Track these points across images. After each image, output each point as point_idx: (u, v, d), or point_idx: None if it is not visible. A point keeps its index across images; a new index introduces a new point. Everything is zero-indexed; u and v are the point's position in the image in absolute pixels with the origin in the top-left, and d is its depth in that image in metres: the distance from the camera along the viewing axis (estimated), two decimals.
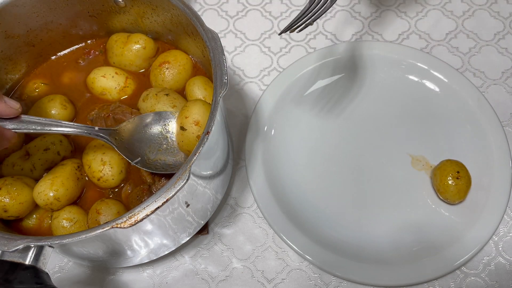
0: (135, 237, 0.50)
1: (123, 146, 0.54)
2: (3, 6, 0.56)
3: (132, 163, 0.54)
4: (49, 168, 0.57)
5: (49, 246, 0.44)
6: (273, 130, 0.71)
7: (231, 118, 0.73)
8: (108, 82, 0.61)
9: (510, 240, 0.64)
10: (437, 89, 0.73)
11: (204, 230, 0.64)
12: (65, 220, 0.54)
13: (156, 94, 0.58)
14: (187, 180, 0.44)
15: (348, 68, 0.75)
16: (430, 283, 0.61)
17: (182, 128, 0.52)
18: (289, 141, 0.71)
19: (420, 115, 0.71)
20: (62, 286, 0.63)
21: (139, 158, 0.54)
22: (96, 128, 0.53)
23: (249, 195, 0.68)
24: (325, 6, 0.51)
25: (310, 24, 0.52)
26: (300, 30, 0.52)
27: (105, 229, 0.42)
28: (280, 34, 0.54)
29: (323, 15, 0.51)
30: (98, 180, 0.56)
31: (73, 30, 0.64)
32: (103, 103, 0.62)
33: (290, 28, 0.52)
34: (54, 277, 0.63)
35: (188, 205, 0.51)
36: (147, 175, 0.56)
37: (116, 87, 0.61)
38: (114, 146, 0.53)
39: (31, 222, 0.56)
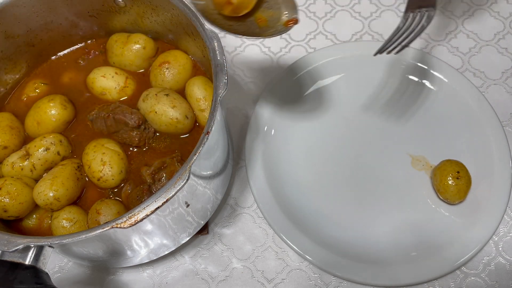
0: (135, 237, 0.50)
1: None
2: (3, 6, 0.56)
3: None
4: (49, 168, 0.57)
5: (49, 246, 0.44)
6: (273, 130, 0.71)
7: (231, 118, 0.73)
8: (108, 82, 0.61)
9: (510, 240, 0.64)
10: (437, 89, 0.73)
11: (204, 230, 0.64)
12: (65, 220, 0.54)
13: (156, 94, 0.58)
14: (187, 180, 0.44)
15: (348, 68, 0.75)
16: (430, 283, 0.61)
17: None
18: (289, 141, 0.71)
19: (420, 115, 0.71)
20: (62, 286, 0.63)
21: None
22: None
23: (249, 195, 0.68)
24: (420, 25, 0.48)
25: (406, 45, 0.49)
26: (397, 52, 0.50)
27: (105, 229, 0.42)
28: (375, 55, 0.51)
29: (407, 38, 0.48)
30: (98, 180, 0.56)
31: (73, 30, 0.64)
32: (103, 103, 0.62)
33: (382, 49, 0.50)
34: (54, 277, 0.63)
35: (188, 205, 0.51)
36: (147, 175, 0.56)
37: (116, 87, 0.61)
38: None
39: (31, 222, 0.56)
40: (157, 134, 0.59)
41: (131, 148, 0.59)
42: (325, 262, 0.61)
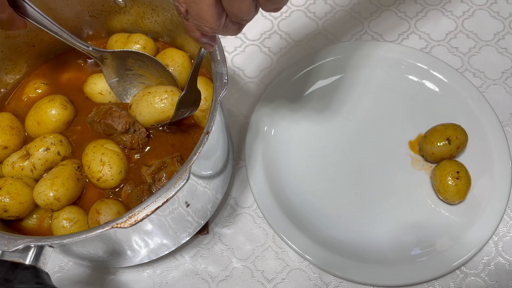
0: (135, 237, 0.50)
1: (110, 64, 0.59)
2: None
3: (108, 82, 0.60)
4: (49, 168, 0.57)
5: (49, 246, 0.44)
6: (273, 130, 0.71)
7: (231, 118, 0.73)
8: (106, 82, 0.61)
9: (510, 240, 0.64)
10: (437, 89, 0.73)
11: (204, 230, 0.64)
12: (65, 220, 0.54)
13: None
14: (187, 180, 0.44)
15: (348, 68, 0.75)
16: (430, 283, 0.61)
17: None
18: (289, 141, 0.71)
19: (420, 115, 0.71)
20: (62, 286, 0.63)
21: (117, 79, 0.60)
22: (91, 48, 0.56)
23: (249, 195, 0.68)
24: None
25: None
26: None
27: (105, 229, 0.42)
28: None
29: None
30: (98, 180, 0.56)
31: (73, 31, 0.64)
32: (103, 103, 0.62)
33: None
34: (54, 277, 0.63)
35: (188, 205, 0.51)
36: (147, 175, 0.56)
37: None
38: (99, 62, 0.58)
39: (31, 222, 0.56)
40: (151, 136, 0.59)
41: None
42: (325, 262, 0.61)
